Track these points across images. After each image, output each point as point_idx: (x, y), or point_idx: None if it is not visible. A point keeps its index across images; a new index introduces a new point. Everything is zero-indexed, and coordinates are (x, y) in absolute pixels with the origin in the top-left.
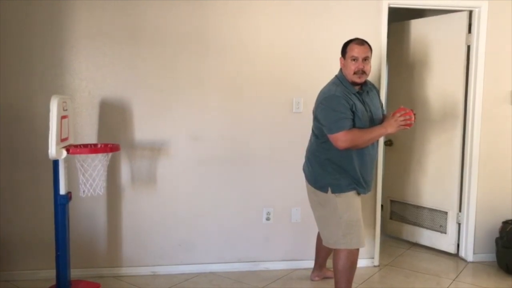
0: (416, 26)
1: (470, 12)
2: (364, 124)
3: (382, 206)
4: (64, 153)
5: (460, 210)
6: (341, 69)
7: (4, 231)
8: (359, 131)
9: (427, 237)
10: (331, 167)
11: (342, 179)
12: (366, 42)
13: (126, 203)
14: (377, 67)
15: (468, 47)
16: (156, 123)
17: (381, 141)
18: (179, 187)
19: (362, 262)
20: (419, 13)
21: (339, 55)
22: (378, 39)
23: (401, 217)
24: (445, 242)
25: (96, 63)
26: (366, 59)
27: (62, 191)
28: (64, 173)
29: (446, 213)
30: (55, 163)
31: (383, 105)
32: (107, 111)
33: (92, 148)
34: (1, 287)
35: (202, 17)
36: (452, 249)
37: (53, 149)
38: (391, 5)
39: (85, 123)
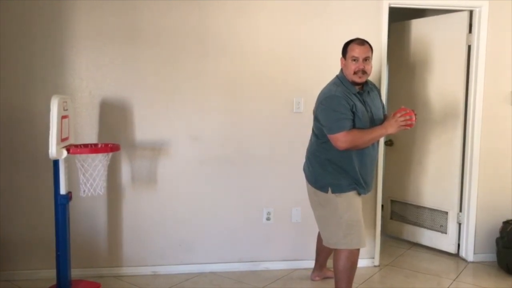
0: (417, 26)
1: (471, 12)
2: (364, 124)
3: (382, 206)
4: (65, 153)
5: (460, 210)
6: (341, 69)
7: (4, 231)
8: (359, 132)
9: (428, 237)
10: (331, 167)
11: (343, 179)
12: (367, 42)
13: (126, 203)
14: (378, 67)
15: (469, 47)
16: (156, 123)
17: (382, 141)
18: (179, 187)
19: (362, 262)
20: (420, 13)
21: (340, 55)
22: (379, 39)
23: (401, 217)
24: (445, 242)
25: (96, 63)
26: (366, 59)
27: (63, 191)
28: (64, 173)
29: (446, 213)
30: (56, 163)
31: (384, 106)
32: (107, 111)
33: (92, 148)
34: (1, 287)
35: (202, 17)
36: (452, 249)
37: (54, 149)
38: (392, 5)
39: (86, 123)
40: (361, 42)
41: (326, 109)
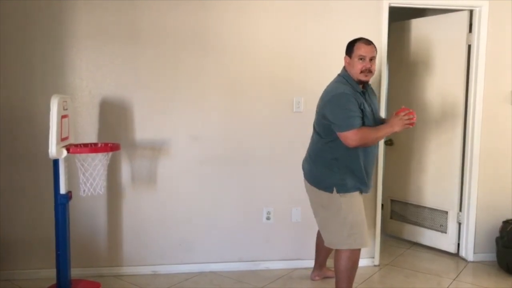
0: (417, 25)
1: (471, 12)
2: (370, 122)
3: (382, 205)
4: (65, 152)
5: (460, 210)
6: (344, 68)
7: (5, 230)
8: (368, 130)
9: (428, 236)
10: (337, 167)
11: (348, 179)
12: (372, 42)
13: (126, 203)
14: (378, 67)
15: (469, 47)
16: (156, 123)
17: (382, 140)
18: (179, 186)
19: (362, 262)
20: (420, 12)
21: (340, 54)
22: (379, 38)
23: (401, 216)
24: (445, 241)
25: (96, 62)
26: (372, 58)
27: (63, 190)
28: (64, 172)
29: (446, 212)
30: (55, 162)
31: (380, 107)
32: (107, 110)
33: (92, 148)
34: (2, 287)
35: (202, 17)
36: (452, 249)
37: (53, 149)
38: (392, 5)
39: (86, 123)
40: (368, 41)
41: (335, 107)
